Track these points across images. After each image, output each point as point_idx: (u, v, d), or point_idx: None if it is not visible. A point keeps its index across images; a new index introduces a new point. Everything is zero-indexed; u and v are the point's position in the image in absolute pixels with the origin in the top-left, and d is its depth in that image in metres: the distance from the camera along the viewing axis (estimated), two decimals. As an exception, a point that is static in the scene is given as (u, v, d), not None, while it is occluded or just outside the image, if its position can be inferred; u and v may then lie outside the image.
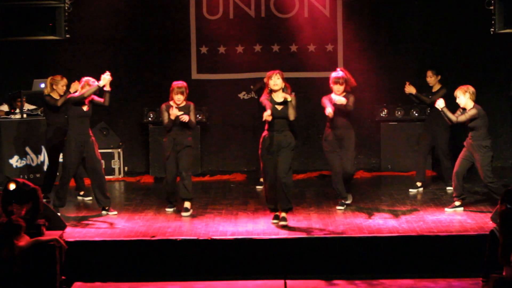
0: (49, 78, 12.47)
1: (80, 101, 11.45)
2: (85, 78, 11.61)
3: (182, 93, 11.58)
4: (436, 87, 12.82)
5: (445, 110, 11.19)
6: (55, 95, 12.38)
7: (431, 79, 12.86)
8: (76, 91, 11.82)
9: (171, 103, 11.55)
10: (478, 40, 14.74)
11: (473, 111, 11.15)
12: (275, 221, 10.80)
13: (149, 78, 15.16)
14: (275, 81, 10.67)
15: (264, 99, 10.70)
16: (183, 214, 11.33)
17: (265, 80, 11.21)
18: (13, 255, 8.66)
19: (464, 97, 11.19)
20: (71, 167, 11.53)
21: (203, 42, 15.18)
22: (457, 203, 11.39)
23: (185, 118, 11.36)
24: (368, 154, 15.15)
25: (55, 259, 9.06)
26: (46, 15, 12.80)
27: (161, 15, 15.13)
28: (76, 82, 12.16)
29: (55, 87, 12.40)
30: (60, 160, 12.41)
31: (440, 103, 11.21)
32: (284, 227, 10.58)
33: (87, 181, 12.50)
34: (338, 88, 11.45)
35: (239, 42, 15.17)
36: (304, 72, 14.98)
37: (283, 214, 10.76)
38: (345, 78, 11.47)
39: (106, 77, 11.38)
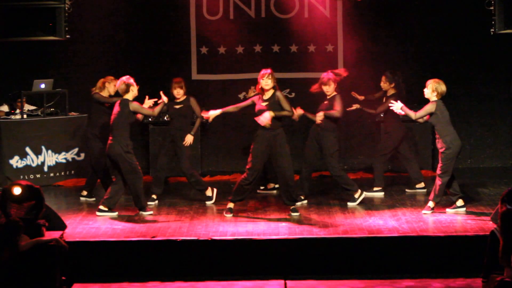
0: (102, 79, 12.52)
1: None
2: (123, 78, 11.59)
3: (181, 87, 12.05)
4: (390, 92, 12.78)
5: (404, 109, 11.24)
6: (105, 94, 12.43)
7: (385, 84, 12.82)
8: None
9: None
10: (478, 41, 14.75)
11: (430, 106, 11.17)
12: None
13: (149, 78, 15.15)
14: (266, 81, 11.30)
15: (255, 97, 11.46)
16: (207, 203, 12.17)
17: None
18: (14, 255, 8.66)
19: (428, 89, 11.20)
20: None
21: (203, 42, 15.18)
22: (459, 203, 11.37)
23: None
24: (368, 154, 15.14)
25: (55, 259, 9.05)
26: (46, 15, 12.80)
27: (161, 15, 15.13)
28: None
29: (107, 85, 12.46)
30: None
31: (396, 107, 11.30)
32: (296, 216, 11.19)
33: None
34: (326, 88, 11.95)
35: (239, 42, 15.17)
36: (304, 73, 14.98)
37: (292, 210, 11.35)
38: (330, 78, 11.74)
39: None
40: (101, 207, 11.45)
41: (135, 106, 11.45)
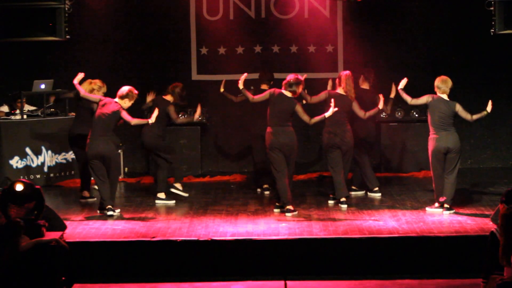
0: (93, 82, 12.41)
1: None
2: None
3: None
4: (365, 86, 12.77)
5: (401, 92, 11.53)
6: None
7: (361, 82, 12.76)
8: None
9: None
10: (478, 41, 14.75)
11: (426, 96, 11.41)
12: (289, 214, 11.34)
13: (149, 79, 15.16)
14: None
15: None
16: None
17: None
18: (14, 256, 8.66)
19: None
20: None
21: (203, 43, 15.19)
22: (437, 204, 11.41)
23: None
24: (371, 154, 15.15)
25: (55, 259, 9.05)
26: (46, 16, 12.81)
27: (161, 16, 15.14)
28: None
29: (95, 87, 12.35)
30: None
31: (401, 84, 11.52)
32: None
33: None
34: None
35: (239, 43, 15.17)
36: (304, 73, 14.96)
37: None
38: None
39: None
40: (99, 211, 11.51)
41: (124, 114, 11.55)
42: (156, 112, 11.69)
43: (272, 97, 11.44)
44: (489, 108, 11.44)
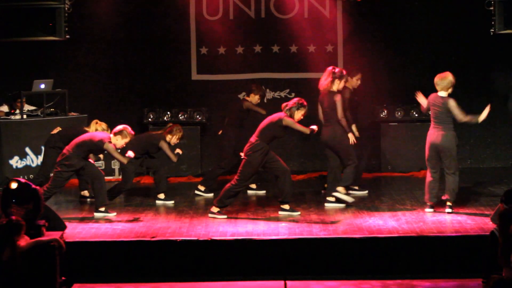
0: (99, 123, 12.30)
1: None
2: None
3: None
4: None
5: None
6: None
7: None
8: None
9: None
10: (478, 41, 14.75)
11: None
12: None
13: (149, 79, 15.17)
14: None
15: None
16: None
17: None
18: (14, 255, 8.66)
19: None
20: None
21: (203, 42, 15.18)
22: (429, 203, 11.41)
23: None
24: (368, 154, 15.14)
25: (55, 259, 9.05)
26: (46, 15, 12.82)
27: (161, 15, 15.13)
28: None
29: (99, 128, 12.18)
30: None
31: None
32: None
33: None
34: None
35: (239, 43, 15.17)
36: (304, 73, 14.98)
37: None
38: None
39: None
40: (98, 209, 11.52)
41: (109, 147, 11.41)
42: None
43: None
44: (481, 118, 11.28)
